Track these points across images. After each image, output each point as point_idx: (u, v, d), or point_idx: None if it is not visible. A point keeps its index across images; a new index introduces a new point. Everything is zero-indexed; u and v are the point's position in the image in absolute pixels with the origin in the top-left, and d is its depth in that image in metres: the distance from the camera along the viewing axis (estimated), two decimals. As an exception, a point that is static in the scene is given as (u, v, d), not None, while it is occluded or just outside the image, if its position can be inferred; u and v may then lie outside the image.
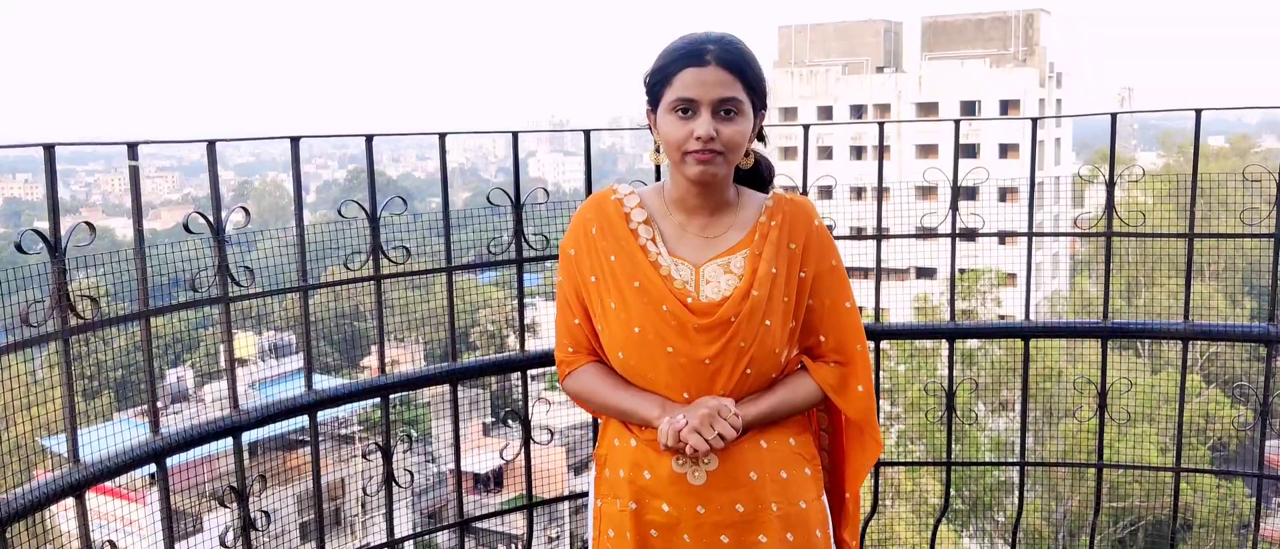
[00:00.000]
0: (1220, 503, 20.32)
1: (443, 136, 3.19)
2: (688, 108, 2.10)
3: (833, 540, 2.34)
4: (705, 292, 2.18)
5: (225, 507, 2.88)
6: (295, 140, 2.94)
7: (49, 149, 2.40)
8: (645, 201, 2.28)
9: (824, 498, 2.33)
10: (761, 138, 2.29)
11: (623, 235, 2.23)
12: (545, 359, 3.26)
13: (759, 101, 2.18)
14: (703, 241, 2.23)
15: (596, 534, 2.32)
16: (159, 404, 2.72)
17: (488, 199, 3.24)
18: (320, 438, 3.08)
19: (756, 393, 2.21)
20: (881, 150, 3.65)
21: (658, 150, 2.23)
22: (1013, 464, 3.89)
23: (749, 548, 2.19)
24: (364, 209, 3.02)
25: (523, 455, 3.39)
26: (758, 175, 2.34)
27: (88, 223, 2.44)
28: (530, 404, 3.38)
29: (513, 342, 3.48)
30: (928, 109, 46.34)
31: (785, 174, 3.75)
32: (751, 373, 2.18)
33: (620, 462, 2.26)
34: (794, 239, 2.23)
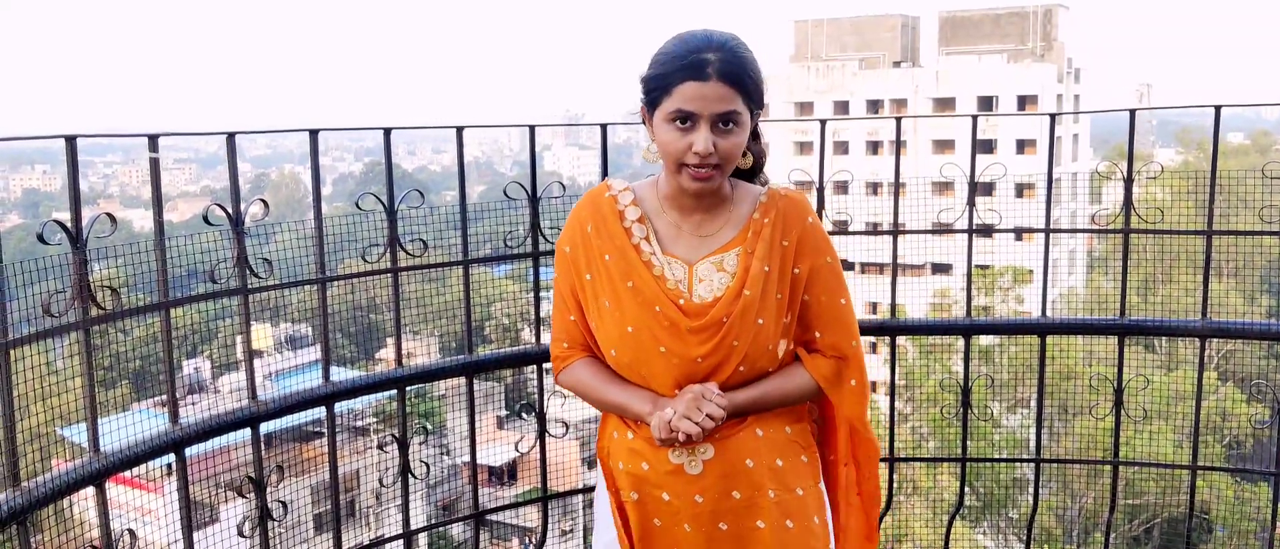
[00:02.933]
0: (1241, 506, 20.20)
1: (460, 130, 3.20)
2: (686, 120, 2.08)
3: (831, 529, 2.34)
4: (698, 291, 2.20)
5: (243, 497, 2.90)
6: (314, 133, 2.96)
7: (71, 141, 2.42)
8: (640, 198, 2.28)
9: (821, 485, 2.34)
10: (756, 137, 2.29)
11: (617, 234, 2.24)
12: (560, 352, 3.27)
13: (757, 105, 2.17)
14: (696, 240, 2.24)
15: (617, 521, 2.31)
16: (177, 395, 2.74)
17: (504, 192, 3.25)
18: (336, 430, 3.10)
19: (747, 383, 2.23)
20: (898, 145, 3.65)
21: (653, 149, 2.23)
22: (1028, 461, 3.88)
23: (747, 534, 2.21)
24: (382, 202, 3.03)
25: (537, 448, 3.41)
26: (753, 166, 2.34)
27: (108, 214, 2.45)
28: (545, 397, 3.38)
29: (527, 335, 3.50)
30: (944, 104, 46.14)
31: (801, 169, 3.75)
32: (745, 370, 2.19)
33: (619, 454, 2.29)
34: (786, 236, 2.23)
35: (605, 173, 3.33)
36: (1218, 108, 3.35)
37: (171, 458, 2.72)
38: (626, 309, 2.20)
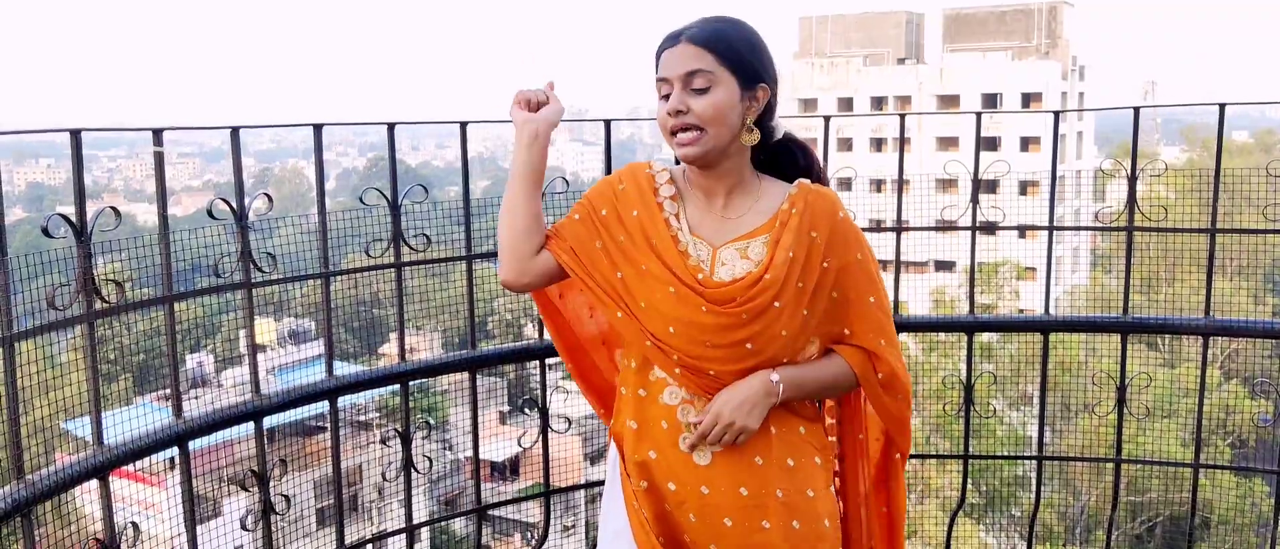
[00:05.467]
0: (1239, 501, 20.19)
1: (464, 125, 3.20)
2: (666, 90, 2.18)
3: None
4: (719, 273, 2.19)
5: (246, 490, 2.91)
6: (318, 127, 2.96)
7: (75, 134, 2.42)
8: (676, 179, 2.31)
9: (833, 489, 2.33)
10: (770, 115, 2.27)
11: (649, 202, 2.25)
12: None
13: (747, 75, 2.18)
14: (723, 224, 2.24)
15: (628, 507, 2.30)
16: (180, 388, 2.74)
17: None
18: (339, 424, 3.10)
19: (798, 365, 2.23)
20: (902, 142, 3.65)
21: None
22: (1031, 458, 3.88)
23: (752, 532, 2.20)
24: (385, 197, 3.03)
25: (540, 444, 3.41)
26: (787, 161, 2.34)
27: (113, 208, 2.46)
28: (548, 393, 3.39)
29: (530, 330, 3.49)
30: (949, 101, 46.09)
31: (805, 165, 3.74)
32: (752, 348, 2.17)
33: (627, 441, 2.28)
34: (815, 228, 2.21)
35: (609, 168, 3.33)
36: (1222, 106, 3.34)
37: (174, 451, 2.73)
38: (644, 255, 2.20)
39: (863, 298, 2.25)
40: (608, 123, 3.40)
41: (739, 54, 2.16)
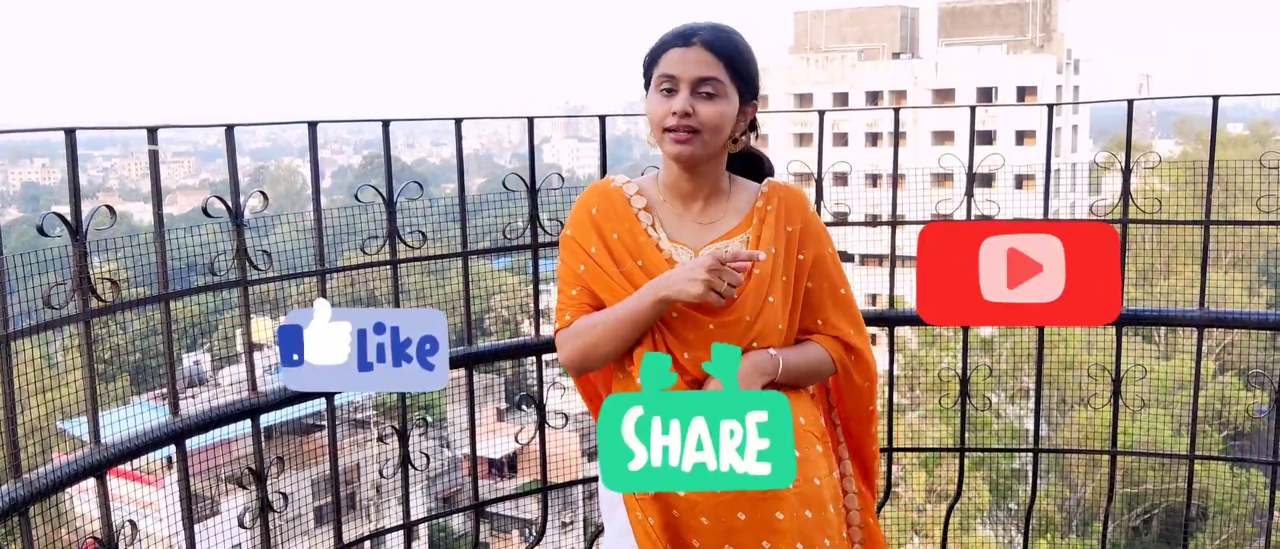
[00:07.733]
0: (1235, 492, 20.23)
1: (459, 122, 3.20)
2: (670, 86, 2.18)
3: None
4: None
5: (243, 488, 2.91)
6: (313, 125, 2.96)
7: (70, 133, 2.42)
8: (644, 190, 2.34)
9: (835, 474, 2.36)
10: (753, 129, 2.34)
11: (625, 216, 2.29)
12: (560, 344, 3.27)
13: (747, 90, 2.24)
14: (700, 227, 2.29)
15: (630, 517, 2.31)
16: (177, 387, 2.74)
17: (503, 184, 3.25)
18: (336, 422, 3.10)
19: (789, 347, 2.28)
20: (897, 137, 3.65)
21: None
22: (1026, 450, 3.89)
23: (765, 523, 2.22)
24: (381, 194, 3.03)
25: (537, 440, 3.41)
26: (756, 170, 2.41)
27: (108, 207, 2.46)
28: (545, 389, 3.39)
29: (527, 327, 3.50)
30: (944, 95, 46.09)
31: (800, 160, 3.75)
32: (756, 347, 2.23)
33: None
34: (790, 222, 2.30)
35: (604, 164, 3.34)
36: (1216, 98, 3.35)
37: (172, 450, 2.73)
38: (636, 281, 2.23)
39: (835, 288, 2.34)
40: (602, 118, 3.41)
41: (747, 69, 2.23)
